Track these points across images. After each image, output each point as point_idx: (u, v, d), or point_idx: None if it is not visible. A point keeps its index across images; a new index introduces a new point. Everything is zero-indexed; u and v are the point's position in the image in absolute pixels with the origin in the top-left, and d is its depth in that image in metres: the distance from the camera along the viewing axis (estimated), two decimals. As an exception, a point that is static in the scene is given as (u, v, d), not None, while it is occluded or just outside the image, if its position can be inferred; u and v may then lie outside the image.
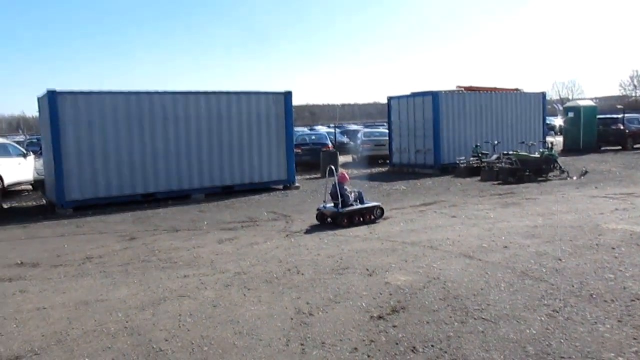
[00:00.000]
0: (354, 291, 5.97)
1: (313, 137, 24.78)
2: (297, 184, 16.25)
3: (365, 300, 5.66)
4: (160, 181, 14.13)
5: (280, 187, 15.95)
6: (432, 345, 4.50)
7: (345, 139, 30.35)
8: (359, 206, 10.09)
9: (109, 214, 12.43)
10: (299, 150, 20.35)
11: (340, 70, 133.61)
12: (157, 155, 14.05)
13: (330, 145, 22.81)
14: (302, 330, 4.95)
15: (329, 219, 10.03)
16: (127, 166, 13.71)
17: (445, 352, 4.38)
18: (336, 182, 10.12)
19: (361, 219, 9.95)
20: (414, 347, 4.48)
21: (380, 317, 5.18)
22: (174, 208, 12.98)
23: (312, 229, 9.65)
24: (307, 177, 18.97)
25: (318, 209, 10.32)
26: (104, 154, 13.41)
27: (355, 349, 4.51)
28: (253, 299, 5.85)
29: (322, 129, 35.55)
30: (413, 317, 5.14)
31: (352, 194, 10.26)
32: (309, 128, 38.59)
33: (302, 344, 4.63)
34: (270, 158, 15.73)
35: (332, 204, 10.09)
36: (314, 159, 20.48)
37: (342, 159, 23.01)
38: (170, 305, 5.77)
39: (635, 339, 4.48)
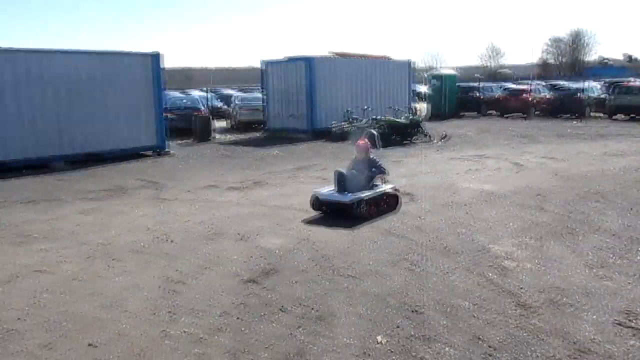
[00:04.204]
0: (226, 256, 5.95)
1: (186, 101, 23.89)
2: (168, 150, 15.66)
3: (236, 265, 5.66)
4: (13, 149, 12.84)
5: (151, 153, 15.28)
6: (301, 304, 4.65)
7: (220, 104, 29.70)
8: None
9: (-49, 185, 11.12)
10: (171, 115, 19.52)
11: (215, 33, 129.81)
12: (8, 121, 12.73)
13: (203, 109, 22.19)
14: (170, 298, 4.85)
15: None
16: (-28, 132, 12.31)
17: (313, 309, 4.54)
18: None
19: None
20: (283, 307, 4.59)
21: (251, 281, 5.22)
22: (30, 178, 11.90)
23: (183, 196, 9.41)
24: (180, 142, 18.36)
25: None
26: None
27: (226, 312, 4.52)
28: (118, 270, 5.61)
29: (195, 93, 34.43)
30: (283, 279, 5.25)
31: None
32: (181, 92, 37.19)
33: (170, 312, 4.55)
34: (139, 123, 14.94)
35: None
36: (187, 124, 19.82)
37: (216, 124, 22.53)
38: (24, 282, 5.34)
39: (480, 285, 4.97)
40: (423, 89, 31.48)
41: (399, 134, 16.90)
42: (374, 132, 8.86)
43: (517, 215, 7.42)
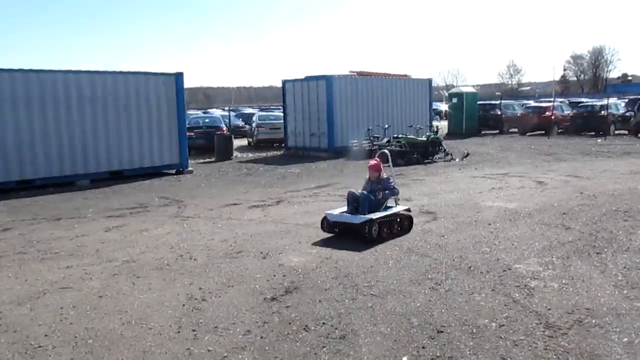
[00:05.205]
0: (248, 274, 5.96)
1: (207, 120, 24.18)
2: (190, 169, 15.83)
3: (259, 283, 5.66)
4: (38, 167, 13.13)
5: (173, 171, 15.46)
6: (324, 323, 4.62)
7: (240, 123, 30.00)
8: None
9: (-20, 203, 11.36)
10: (192, 134, 19.79)
11: (236, 53, 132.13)
12: (34, 139, 13.03)
13: (224, 128, 22.44)
14: (194, 316, 4.86)
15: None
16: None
17: (336, 328, 4.51)
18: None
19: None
20: (306, 326, 4.57)
21: (273, 299, 5.21)
22: (55, 195, 12.12)
23: (205, 214, 9.47)
24: (201, 161, 18.56)
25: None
26: (-29, 137, 12.23)
27: (249, 331, 4.51)
28: (143, 287, 5.65)
29: (216, 112, 34.85)
30: (306, 297, 5.23)
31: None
32: (202, 111, 37.66)
33: (194, 330, 4.55)
34: (162, 142, 15.17)
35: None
36: (208, 143, 20.07)
37: (237, 142, 22.76)
38: (50, 298, 5.41)
39: (506, 305, 4.89)
40: (444, 107, 31.42)
41: (420, 153, 16.86)
42: (386, 152, 8.76)
43: (542, 234, 7.32)
